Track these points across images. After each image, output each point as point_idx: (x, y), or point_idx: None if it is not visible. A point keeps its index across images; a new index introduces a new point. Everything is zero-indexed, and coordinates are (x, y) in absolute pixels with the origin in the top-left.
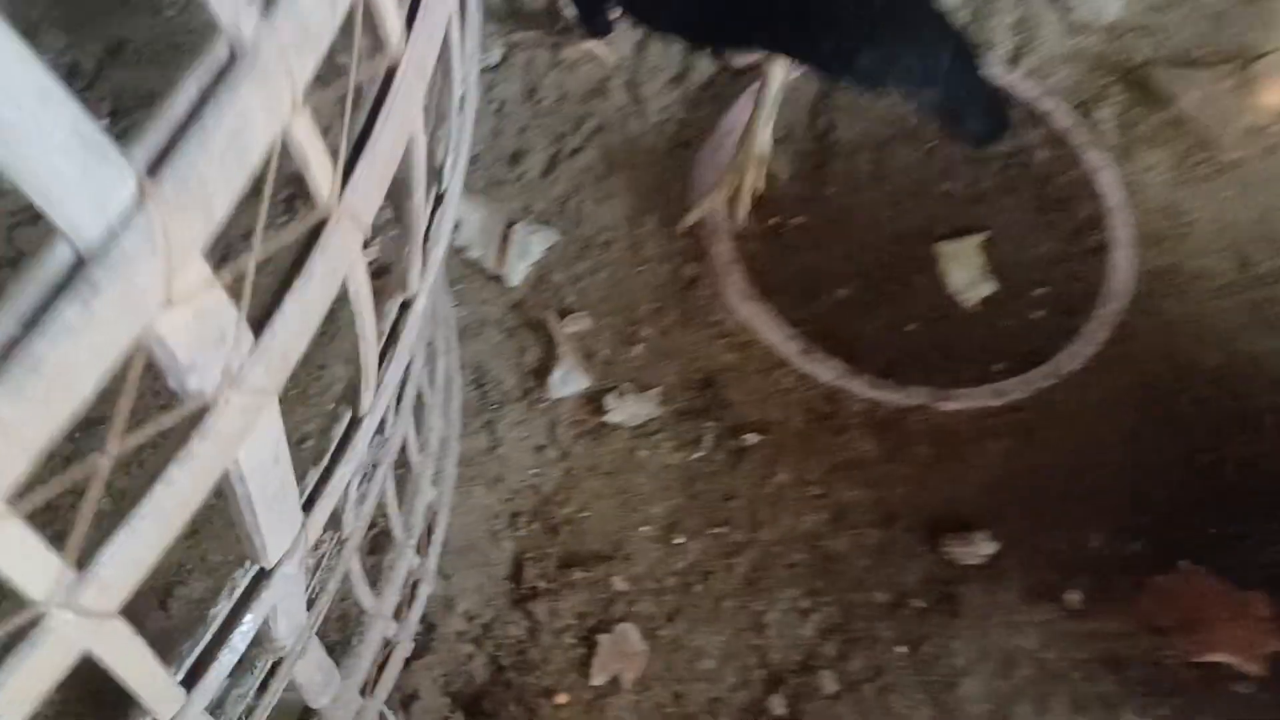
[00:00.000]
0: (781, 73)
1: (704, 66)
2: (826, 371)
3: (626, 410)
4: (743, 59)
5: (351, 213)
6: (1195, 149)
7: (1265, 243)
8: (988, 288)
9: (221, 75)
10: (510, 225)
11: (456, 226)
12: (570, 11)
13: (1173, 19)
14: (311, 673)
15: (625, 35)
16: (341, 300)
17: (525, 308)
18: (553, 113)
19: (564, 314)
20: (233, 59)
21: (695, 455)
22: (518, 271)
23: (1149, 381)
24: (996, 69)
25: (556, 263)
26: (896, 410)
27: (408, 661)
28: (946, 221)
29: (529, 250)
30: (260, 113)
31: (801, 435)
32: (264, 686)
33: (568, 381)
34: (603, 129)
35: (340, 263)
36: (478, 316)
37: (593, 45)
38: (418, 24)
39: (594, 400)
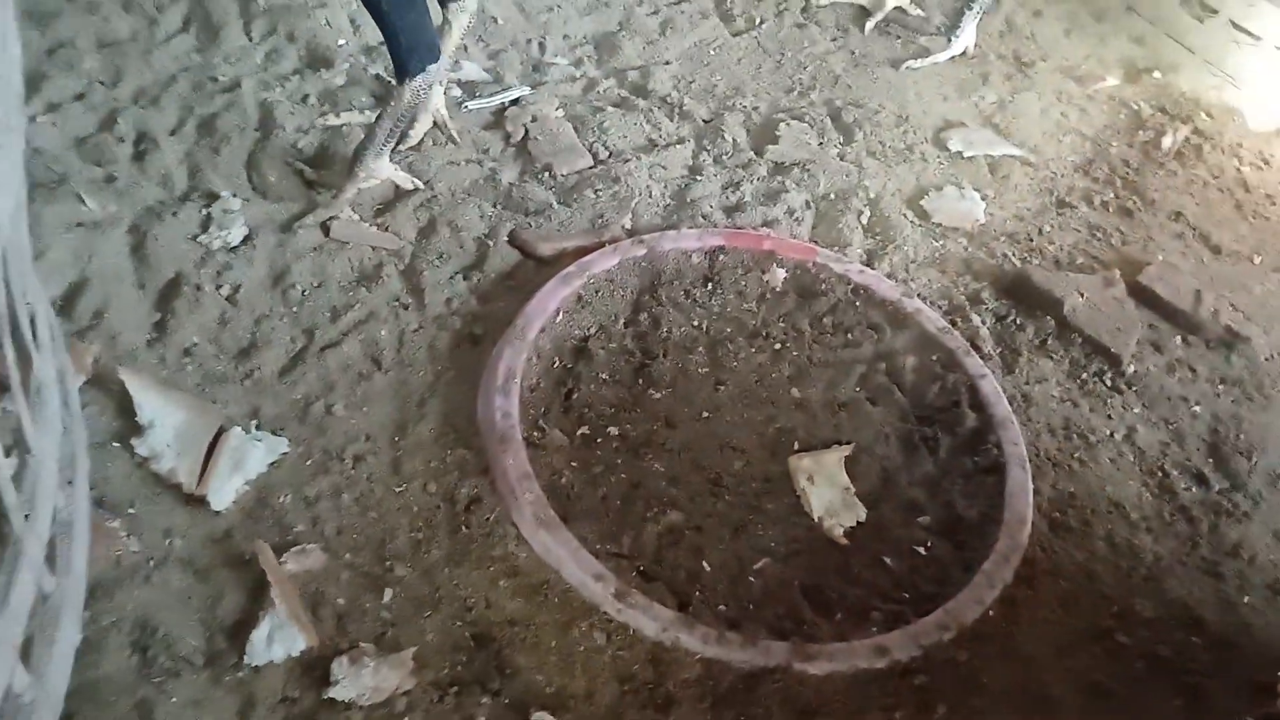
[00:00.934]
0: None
1: (503, 254)
2: (650, 622)
3: (362, 682)
4: (550, 247)
5: None
6: (1089, 360)
7: (1182, 469)
8: (856, 514)
9: None
10: (222, 431)
11: (143, 430)
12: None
13: (1043, 226)
14: None
15: (409, 220)
16: None
17: (231, 540)
18: (305, 302)
19: (286, 548)
20: None
21: None
22: (226, 491)
23: (1071, 637)
24: (853, 266)
25: (284, 481)
26: (746, 674)
27: None
28: (801, 433)
29: (245, 463)
30: None
31: (613, 714)
32: None
33: (278, 641)
34: (369, 320)
35: None
36: (157, 552)
37: (396, 175)
38: None
39: (315, 668)
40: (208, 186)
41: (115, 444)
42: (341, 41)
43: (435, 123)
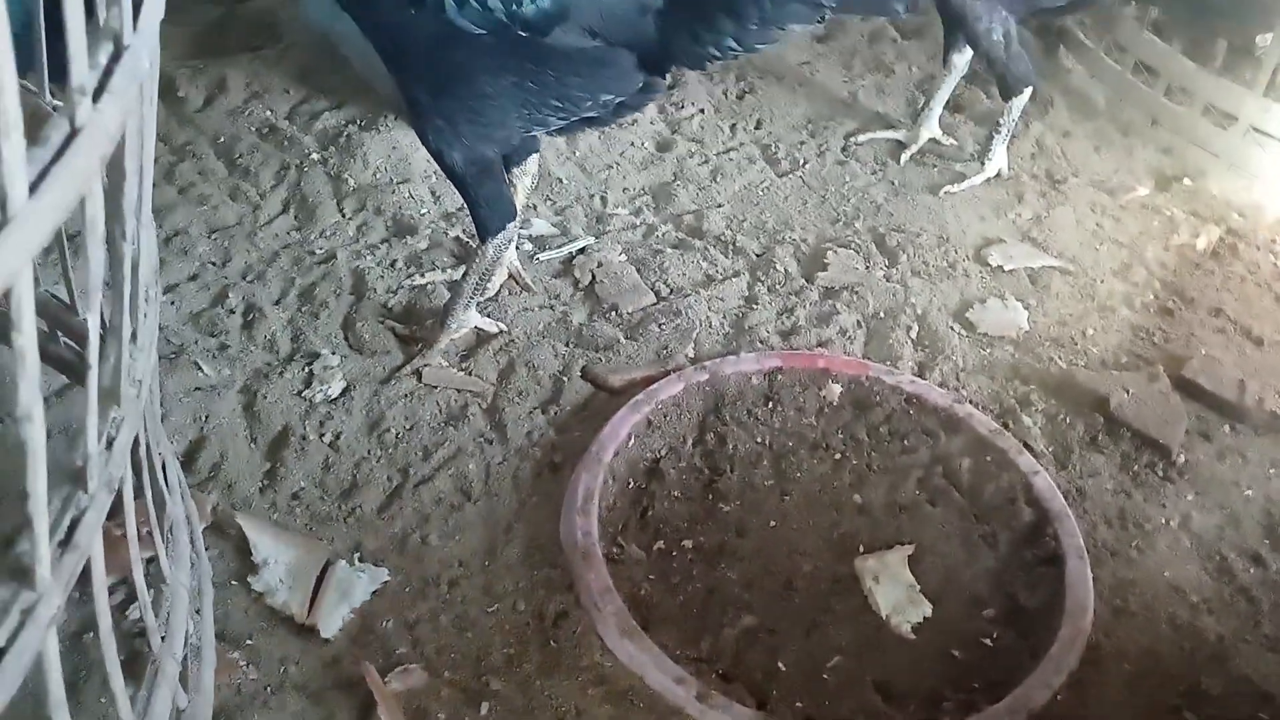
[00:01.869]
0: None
1: (576, 388)
2: None
3: None
4: (620, 378)
5: None
6: (1139, 453)
7: (1239, 551)
8: (922, 610)
9: None
10: (328, 565)
11: (258, 568)
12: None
13: (1086, 330)
14: None
15: (490, 363)
16: None
17: (340, 665)
18: (399, 444)
19: (390, 668)
20: None
21: None
22: (334, 620)
23: (1140, 716)
24: (904, 377)
25: (386, 608)
26: None
27: None
28: (865, 536)
29: (351, 593)
30: None
31: None
32: None
33: None
34: (458, 456)
35: None
36: (273, 679)
37: (482, 322)
38: None
39: None
40: (309, 347)
41: (234, 582)
42: (424, 211)
43: (510, 274)
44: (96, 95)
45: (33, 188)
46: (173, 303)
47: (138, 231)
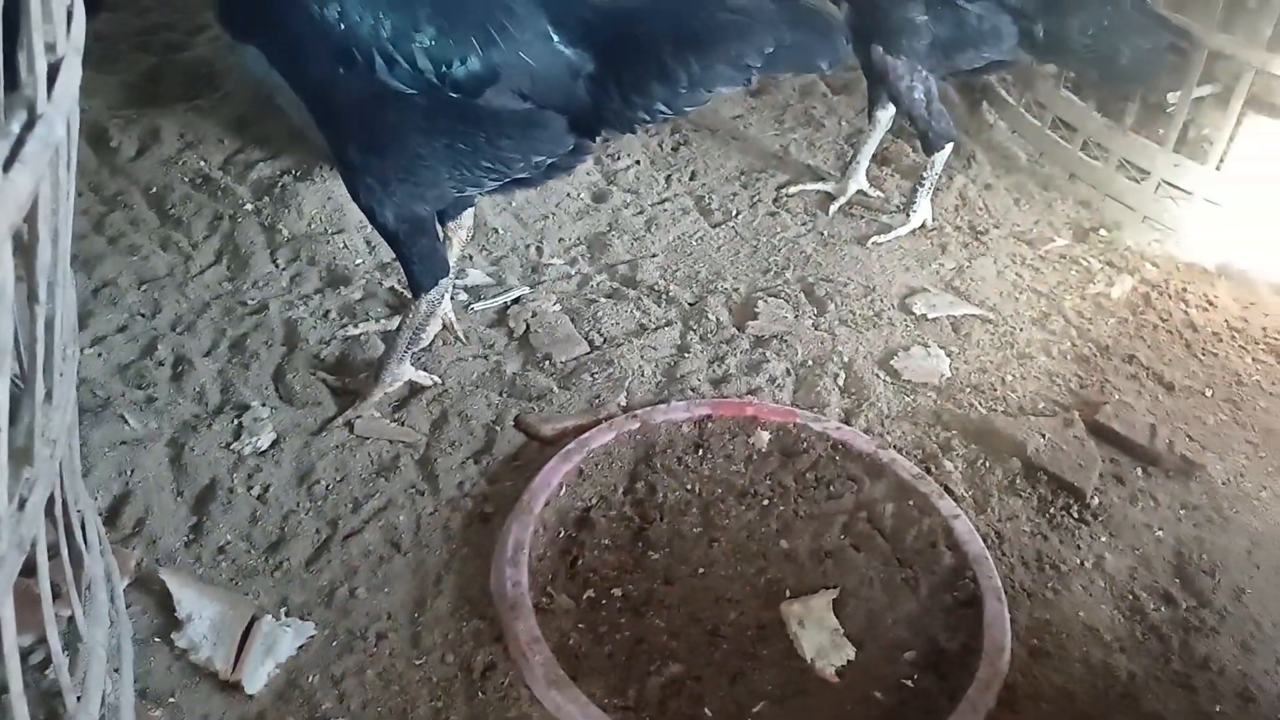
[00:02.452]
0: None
1: (509, 438)
2: None
3: None
4: (552, 428)
5: None
6: (1055, 496)
7: (1150, 591)
8: (846, 653)
9: None
10: (254, 620)
11: (182, 624)
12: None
13: (1005, 376)
14: None
15: (423, 413)
16: None
17: None
18: (329, 495)
19: None
20: None
21: None
22: (259, 676)
23: None
24: (830, 424)
25: (312, 662)
26: None
27: None
28: (791, 581)
29: (276, 648)
30: None
31: None
32: None
33: None
34: (388, 508)
35: None
36: None
37: (416, 375)
38: None
39: None
40: (239, 399)
41: (157, 639)
42: (358, 261)
43: (444, 324)
44: (8, 165)
45: None
46: (100, 354)
47: (52, 292)
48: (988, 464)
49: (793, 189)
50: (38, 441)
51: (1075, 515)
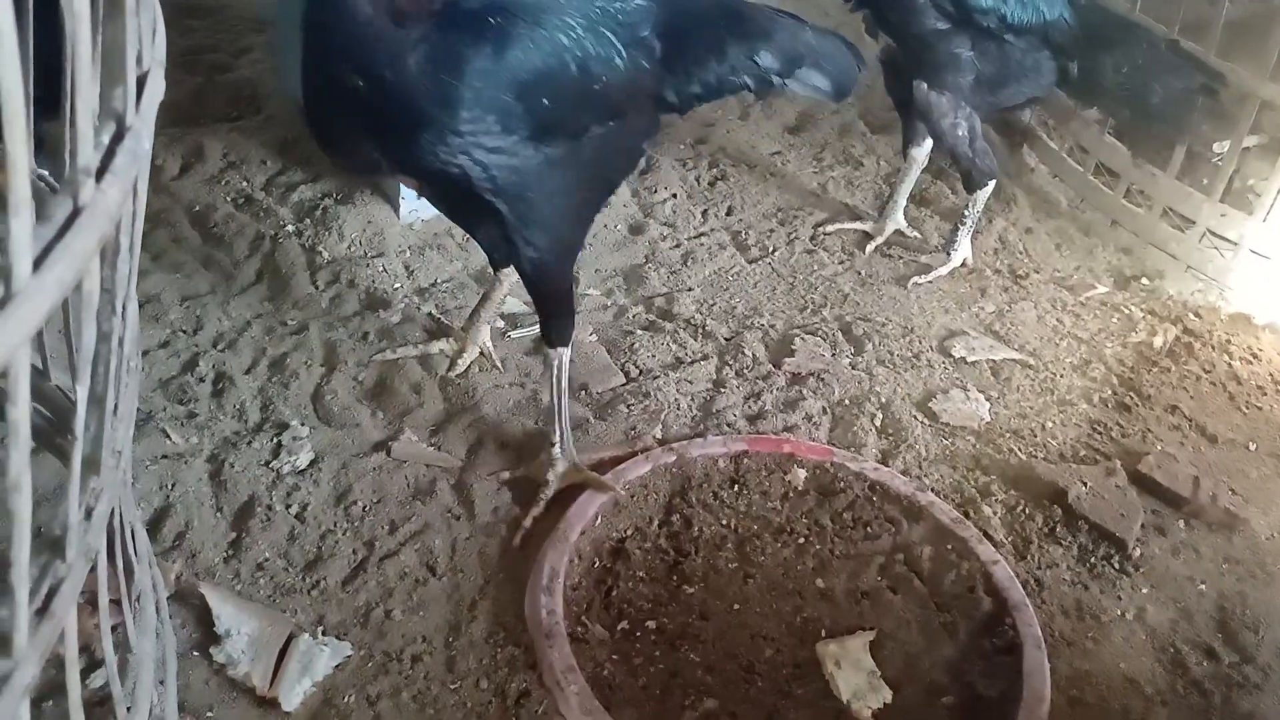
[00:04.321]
0: None
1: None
2: None
3: None
4: (588, 458)
5: None
6: (1096, 545)
7: (1192, 644)
8: (882, 695)
9: None
10: (291, 638)
11: (221, 639)
12: None
13: (1046, 423)
14: None
15: (459, 438)
16: None
17: None
18: (366, 517)
19: None
20: None
21: None
22: (296, 693)
23: None
24: (868, 464)
25: (348, 682)
26: None
27: None
28: (827, 621)
29: (313, 667)
30: None
31: None
32: None
33: None
34: (424, 531)
35: None
36: None
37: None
38: None
39: None
40: (279, 417)
41: (195, 653)
42: (397, 285)
43: (481, 352)
44: (99, 174)
45: (35, 265)
46: (143, 369)
47: (125, 304)
48: (1028, 510)
49: (830, 227)
50: (105, 452)
51: (1116, 565)
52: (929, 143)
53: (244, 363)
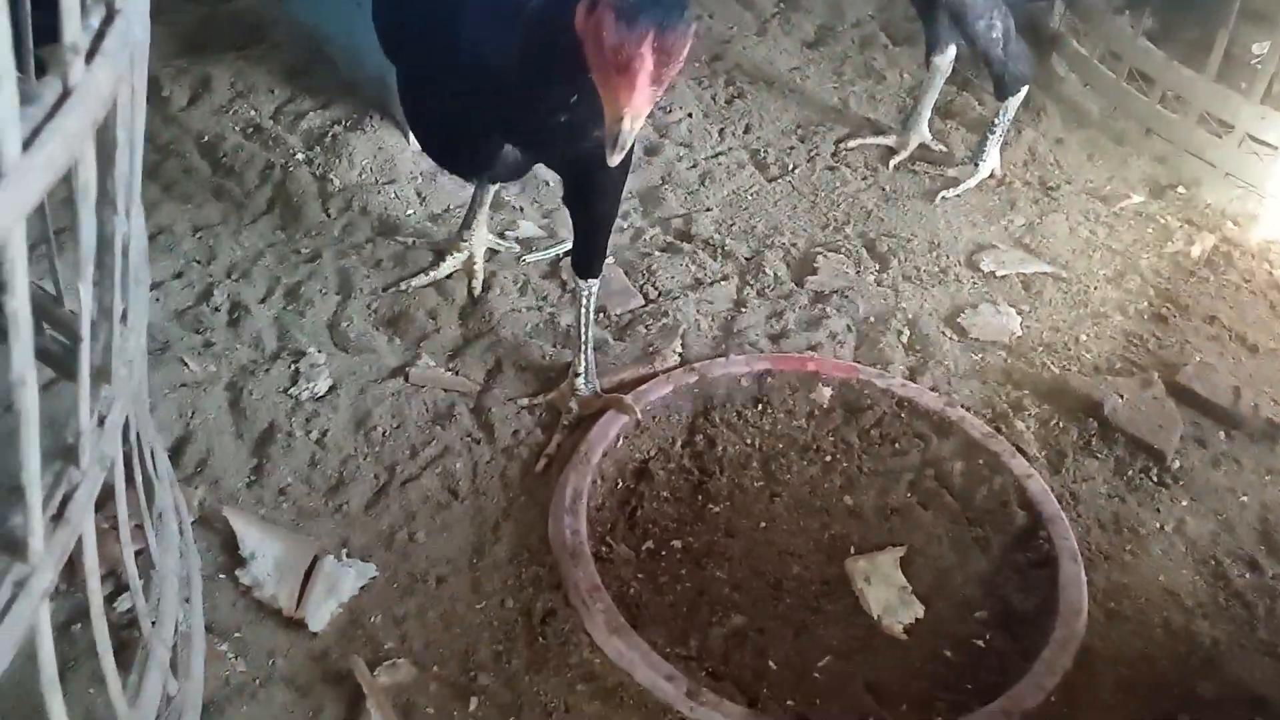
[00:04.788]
0: None
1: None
2: (722, 718)
3: None
4: (608, 380)
5: None
6: (1133, 458)
7: (1234, 556)
8: (914, 611)
9: None
10: (316, 560)
11: (246, 562)
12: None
13: (1079, 336)
14: None
15: (477, 362)
16: None
17: (328, 658)
18: (386, 441)
19: (378, 663)
20: None
21: None
22: (322, 614)
23: (1131, 719)
24: (895, 380)
25: (374, 603)
26: None
27: None
28: (856, 538)
29: (339, 588)
30: None
31: None
32: None
33: None
34: (445, 455)
35: None
36: (261, 671)
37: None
38: None
39: None
40: (295, 345)
41: (221, 576)
42: (409, 211)
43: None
44: (89, 57)
45: (25, 145)
46: (157, 299)
47: (128, 208)
48: (1062, 424)
49: (852, 143)
50: (116, 360)
51: (1154, 478)
52: (952, 50)
53: (258, 292)
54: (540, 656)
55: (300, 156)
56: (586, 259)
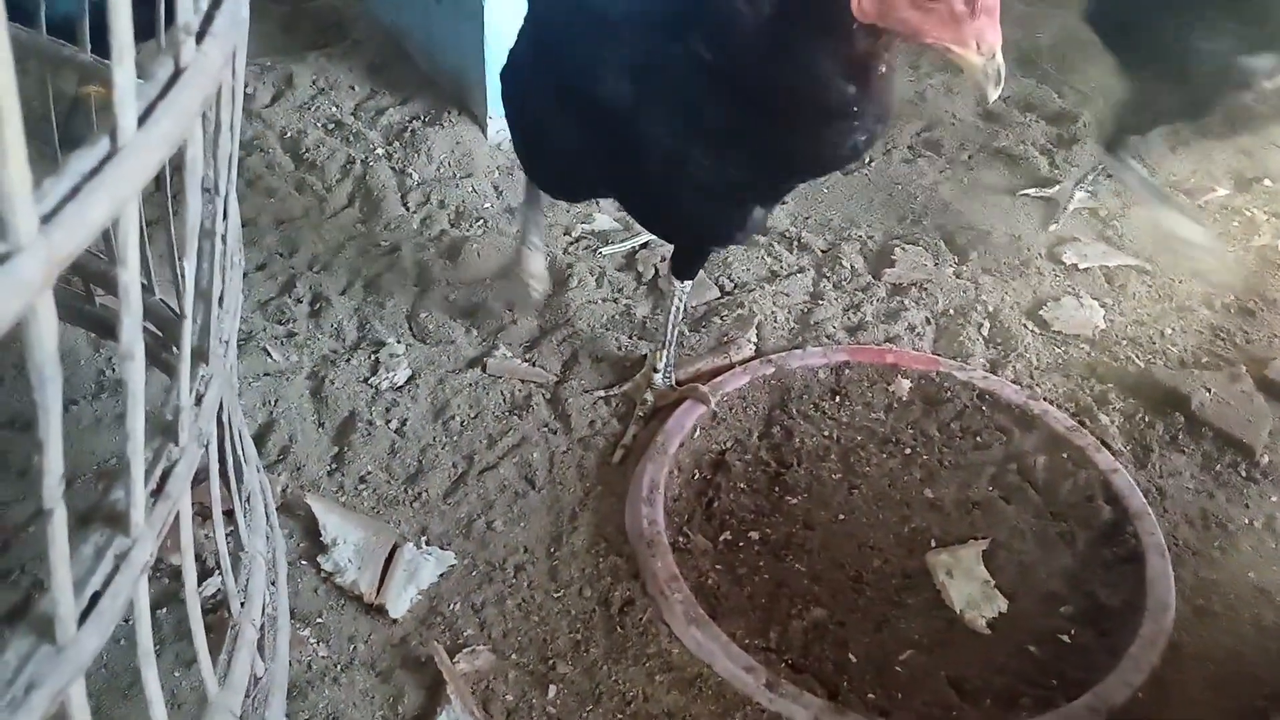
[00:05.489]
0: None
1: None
2: (801, 710)
3: None
4: (684, 371)
5: None
6: (1221, 453)
7: None
8: (997, 605)
9: None
10: (396, 547)
11: (328, 548)
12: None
13: (1165, 329)
14: None
15: (554, 354)
16: None
17: (408, 644)
18: (464, 431)
19: (457, 650)
20: None
21: None
22: (402, 600)
23: (1223, 718)
24: (976, 373)
25: (453, 590)
26: None
27: None
28: (937, 531)
29: (418, 575)
30: None
31: None
32: None
33: None
34: (522, 445)
35: None
36: (343, 656)
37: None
38: None
39: None
40: (375, 336)
41: (304, 562)
42: (487, 204)
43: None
44: (200, 37)
45: (140, 121)
46: (242, 291)
47: (226, 191)
48: (1147, 418)
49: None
50: (212, 340)
51: (1243, 473)
52: None
53: (339, 284)
54: (618, 646)
55: (380, 151)
56: (687, 263)
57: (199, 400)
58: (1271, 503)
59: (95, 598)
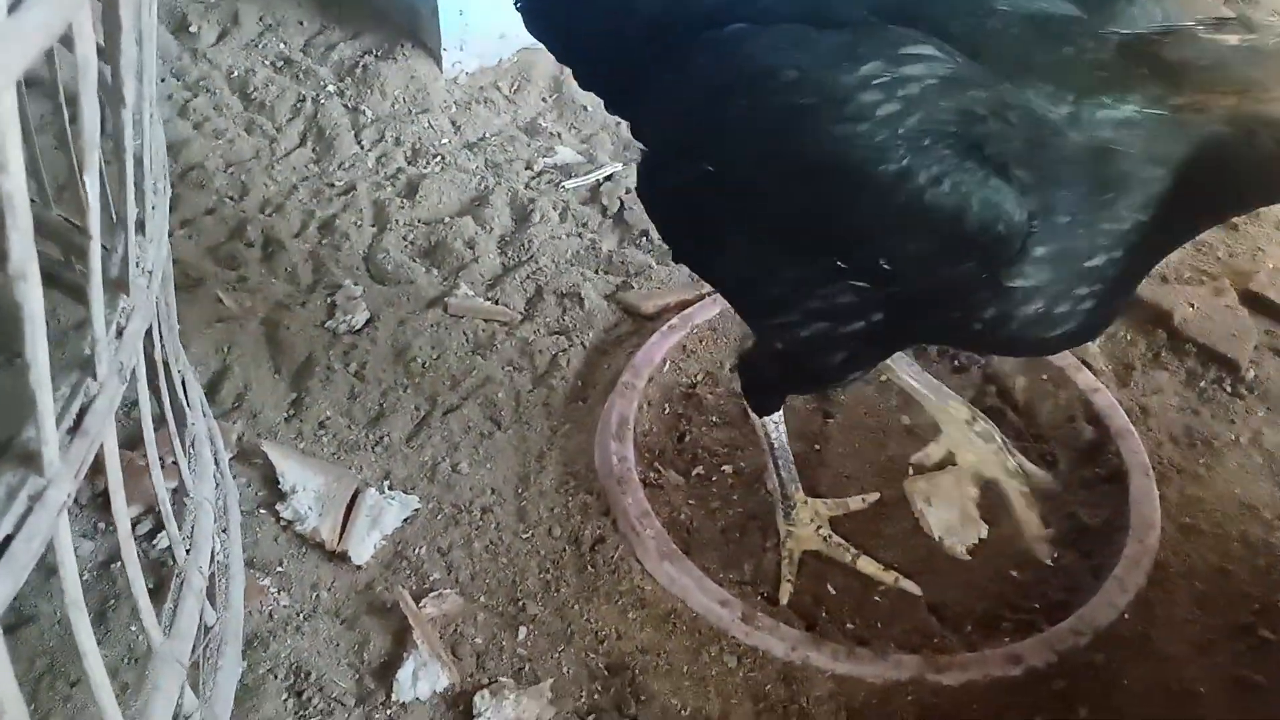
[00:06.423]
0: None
1: (607, 315)
2: (778, 643)
3: (504, 714)
4: (653, 304)
5: None
6: (1205, 369)
7: None
8: (978, 531)
9: None
10: (358, 493)
11: (286, 495)
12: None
13: None
14: None
15: (517, 291)
16: None
17: (373, 590)
18: (426, 373)
19: (424, 594)
20: None
21: None
22: (365, 546)
23: (1211, 635)
24: None
25: (418, 535)
26: (879, 689)
27: None
28: (915, 458)
29: (381, 520)
30: None
31: None
32: None
33: (422, 679)
34: (486, 385)
35: None
36: (306, 605)
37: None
38: None
39: (458, 703)
40: (331, 279)
41: (262, 510)
42: (444, 140)
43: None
44: None
45: (11, 8)
46: (190, 236)
47: (139, 103)
48: (1129, 336)
49: None
50: (132, 270)
51: (1228, 389)
52: None
53: (293, 226)
54: (590, 584)
55: (331, 89)
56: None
57: (120, 333)
58: (1258, 418)
59: (8, 540)
